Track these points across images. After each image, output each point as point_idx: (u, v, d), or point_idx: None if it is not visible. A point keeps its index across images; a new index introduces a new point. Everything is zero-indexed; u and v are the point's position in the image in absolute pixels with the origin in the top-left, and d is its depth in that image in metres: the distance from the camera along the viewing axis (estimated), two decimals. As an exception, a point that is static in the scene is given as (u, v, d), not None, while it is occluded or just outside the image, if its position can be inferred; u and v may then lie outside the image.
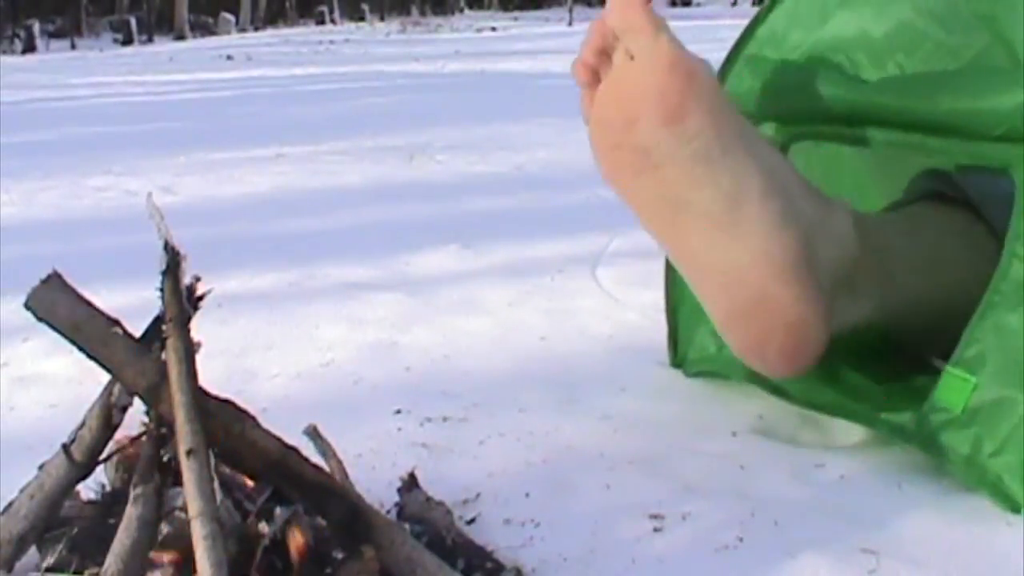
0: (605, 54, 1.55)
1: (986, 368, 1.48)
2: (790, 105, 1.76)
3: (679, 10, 23.64)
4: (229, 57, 13.05)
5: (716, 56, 2.08)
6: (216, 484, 1.14)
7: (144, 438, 1.20)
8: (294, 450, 1.21)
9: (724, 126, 1.53)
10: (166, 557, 1.19)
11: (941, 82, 1.60)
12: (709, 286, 1.62)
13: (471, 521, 1.46)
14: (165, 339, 1.16)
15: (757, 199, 1.53)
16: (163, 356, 1.16)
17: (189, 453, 1.10)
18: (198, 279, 1.19)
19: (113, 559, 1.14)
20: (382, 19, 24.46)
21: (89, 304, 1.16)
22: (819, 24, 1.79)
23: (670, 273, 1.96)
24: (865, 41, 1.71)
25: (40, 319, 1.14)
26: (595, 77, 1.56)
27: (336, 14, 24.40)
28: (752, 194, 1.53)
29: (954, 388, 1.50)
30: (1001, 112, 1.50)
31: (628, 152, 1.55)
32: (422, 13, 26.68)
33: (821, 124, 1.74)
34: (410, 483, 1.46)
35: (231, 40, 18.14)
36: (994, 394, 1.48)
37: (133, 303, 1.37)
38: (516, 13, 25.55)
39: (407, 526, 1.34)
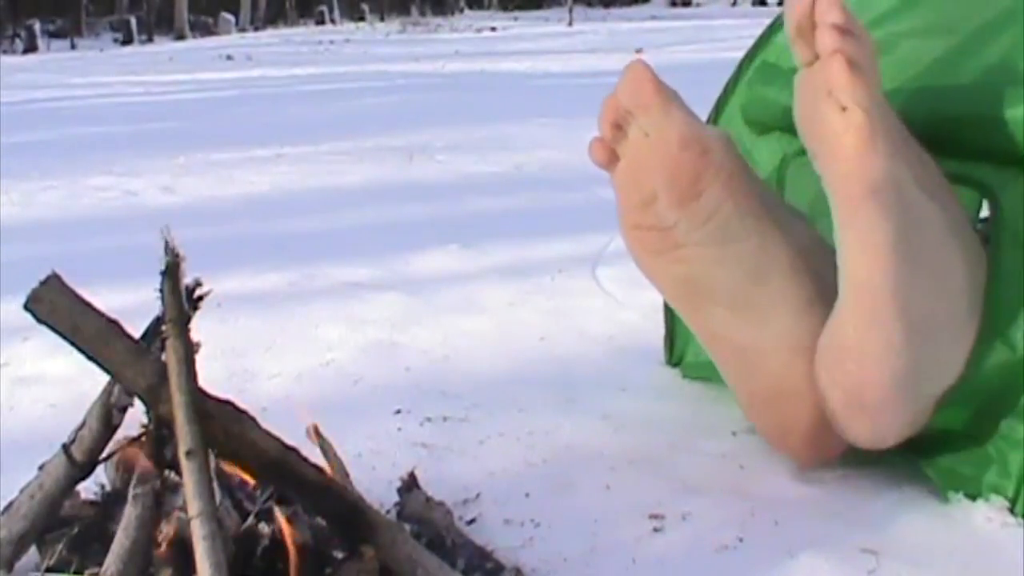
0: (621, 130, 1.52)
1: (978, 398, 1.48)
2: (790, 118, 1.75)
3: (679, 10, 23.63)
4: (229, 57, 13.04)
5: (716, 56, 2.08)
6: (216, 484, 1.14)
7: (144, 438, 1.20)
8: (294, 450, 1.21)
9: (743, 202, 1.48)
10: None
11: (937, 97, 1.60)
12: (732, 367, 1.59)
13: (471, 521, 1.46)
14: (165, 340, 1.16)
15: (783, 277, 1.49)
16: (163, 357, 1.16)
17: (189, 454, 1.10)
18: (199, 283, 1.19)
19: (113, 559, 1.14)
20: (382, 19, 24.44)
21: (89, 305, 1.16)
22: None
23: None
24: (888, 57, 1.71)
25: (40, 320, 1.14)
26: (613, 156, 1.53)
27: (336, 14, 24.38)
28: (776, 272, 1.49)
29: (947, 415, 1.50)
30: (997, 130, 1.49)
31: (648, 231, 1.53)
32: (422, 13, 26.66)
33: None
34: (410, 483, 1.46)
35: (231, 40, 18.14)
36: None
37: (133, 303, 1.37)
38: (516, 13, 25.53)
39: (407, 526, 1.34)
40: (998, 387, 1.47)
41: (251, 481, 1.26)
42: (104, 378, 1.21)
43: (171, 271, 1.17)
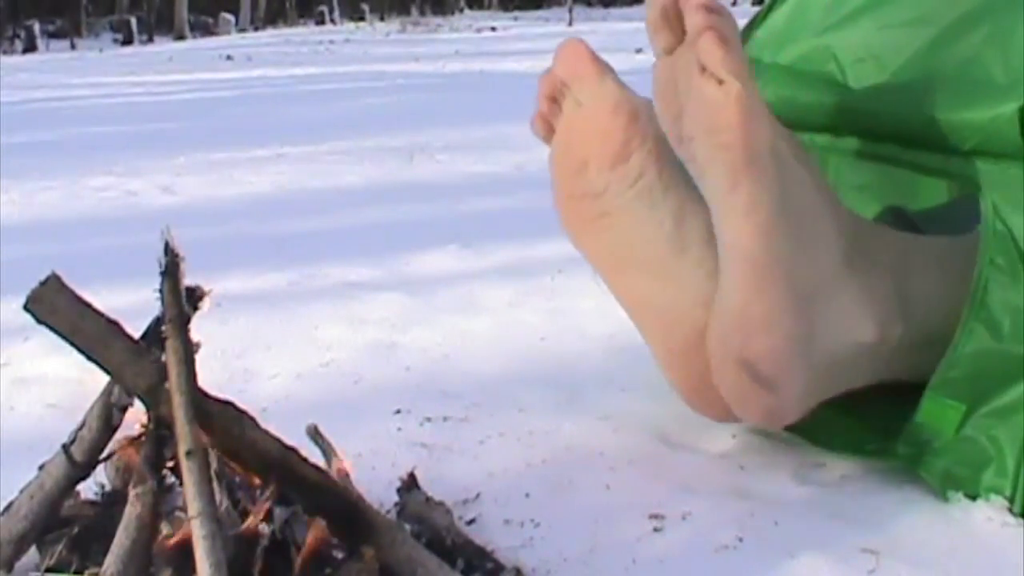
0: (556, 103, 1.58)
1: (968, 391, 1.49)
2: (775, 111, 1.76)
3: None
4: (229, 57, 13.04)
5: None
6: (216, 484, 1.14)
7: (144, 438, 1.20)
8: (294, 450, 1.21)
9: (665, 169, 1.54)
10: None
11: (919, 90, 1.60)
12: (650, 326, 1.64)
13: (471, 521, 1.46)
14: (164, 340, 1.16)
15: (699, 245, 1.53)
16: (162, 357, 1.16)
17: (189, 454, 1.10)
18: (201, 293, 1.19)
19: (113, 559, 1.14)
20: (382, 19, 24.46)
21: (88, 305, 1.16)
22: (817, 32, 1.79)
23: None
24: (861, 51, 1.71)
25: (40, 321, 1.14)
26: (551, 128, 1.59)
27: (336, 14, 24.39)
28: (693, 236, 1.53)
29: (939, 413, 1.51)
30: (972, 126, 1.50)
31: (580, 199, 1.58)
32: (422, 13, 26.67)
33: (804, 132, 1.74)
34: (410, 483, 1.46)
35: (231, 40, 18.14)
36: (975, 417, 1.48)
37: (133, 304, 1.37)
38: (516, 13, 25.54)
39: (407, 526, 1.34)
40: (987, 381, 1.48)
41: (252, 481, 1.26)
42: (104, 378, 1.21)
43: (171, 271, 1.17)
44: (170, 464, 1.18)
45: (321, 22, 23.31)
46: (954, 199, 1.89)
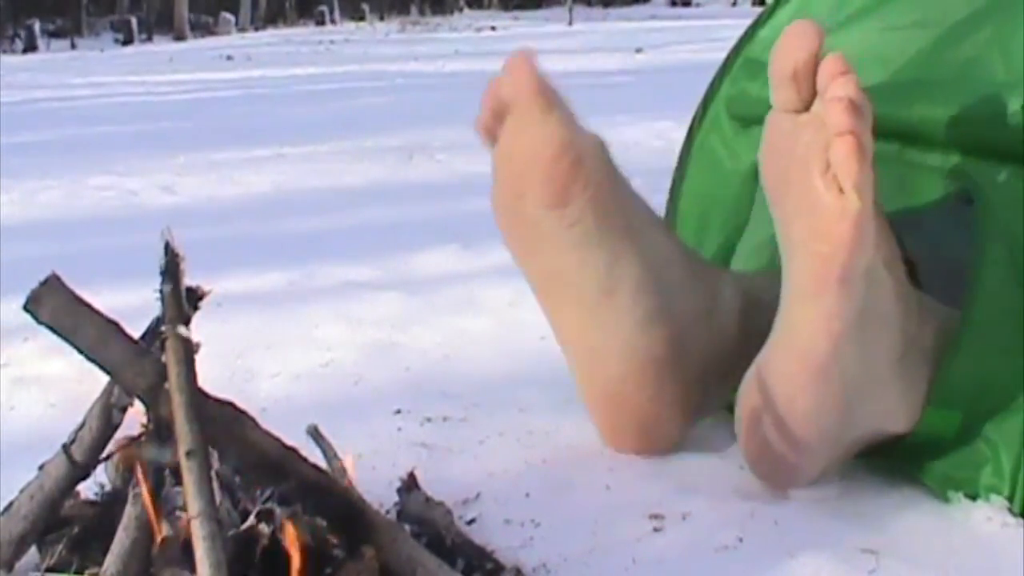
0: (500, 118, 1.52)
1: (967, 395, 1.49)
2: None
3: (679, 10, 23.62)
4: (229, 57, 13.04)
5: (716, 56, 2.09)
6: (216, 484, 1.14)
7: (144, 438, 1.20)
8: (294, 450, 1.21)
9: (604, 216, 1.50)
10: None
11: (921, 90, 1.60)
12: (577, 364, 1.64)
13: (471, 521, 1.46)
14: (164, 340, 1.16)
15: (629, 293, 1.52)
16: (162, 357, 1.16)
17: (189, 454, 1.10)
18: (201, 293, 1.19)
19: (113, 559, 1.14)
20: (382, 19, 24.44)
21: (88, 306, 1.16)
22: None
23: None
24: (864, 52, 1.71)
25: (39, 321, 1.14)
26: (495, 139, 1.54)
27: (336, 14, 24.37)
28: (625, 287, 1.52)
29: (938, 417, 1.50)
30: (972, 125, 1.50)
31: (519, 221, 1.55)
32: (422, 13, 26.65)
33: None
34: (410, 483, 1.46)
35: (231, 40, 18.14)
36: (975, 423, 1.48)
37: (133, 303, 1.37)
38: (516, 13, 25.52)
39: (407, 526, 1.34)
40: (983, 384, 1.48)
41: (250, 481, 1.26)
42: (104, 378, 1.21)
43: (171, 271, 1.17)
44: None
45: (321, 22, 23.29)
46: (930, 203, 1.89)
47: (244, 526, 1.20)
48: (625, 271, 1.52)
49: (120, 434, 1.24)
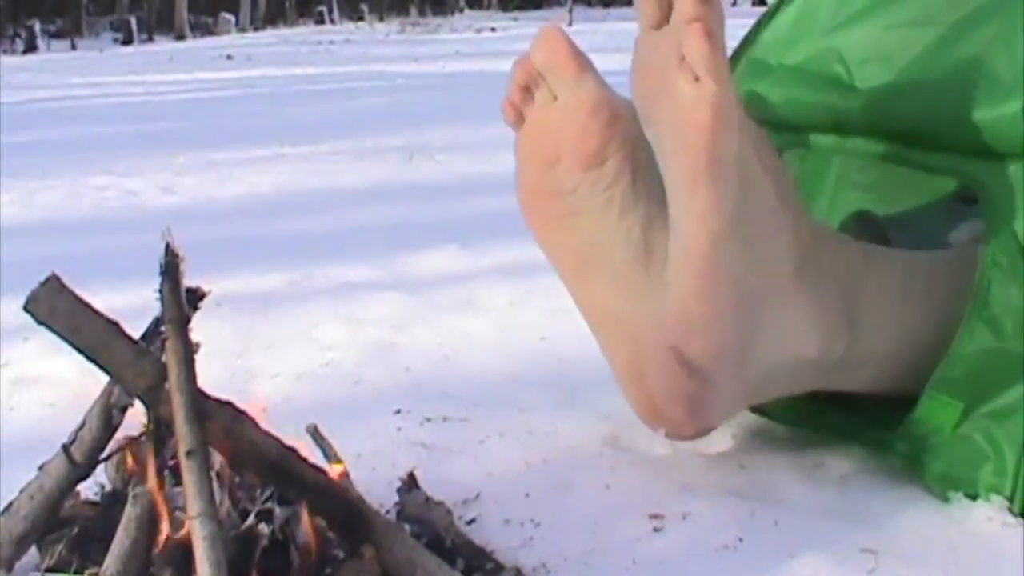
0: (529, 92, 1.52)
1: (968, 390, 1.49)
2: (782, 111, 1.76)
3: (679, 10, 23.54)
4: (229, 57, 13.04)
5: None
6: (216, 484, 1.14)
7: (144, 438, 1.20)
8: (294, 450, 1.21)
9: (641, 177, 1.49)
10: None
11: (925, 90, 1.60)
12: (608, 336, 1.59)
13: (471, 521, 1.46)
14: (164, 340, 1.16)
15: (662, 262, 1.49)
16: (162, 357, 1.16)
17: (189, 454, 1.10)
18: (201, 293, 1.19)
19: (112, 559, 1.14)
20: (381, 19, 24.44)
21: (88, 306, 1.16)
22: (823, 33, 1.79)
23: None
24: (867, 52, 1.71)
25: (39, 322, 1.14)
26: (521, 118, 1.53)
27: (335, 14, 24.38)
28: (661, 251, 1.48)
29: (938, 410, 1.50)
30: (976, 124, 1.50)
31: (547, 196, 1.53)
32: (421, 13, 26.66)
33: (810, 132, 1.73)
34: (410, 483, 1.46)
35: (231, 40, 18.13)
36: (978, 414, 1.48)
37: (133, 304, 1.37)
38: (516, 13, 25.53)
39: (407, 526, 1.34)
40: (987, 380, 1.48)
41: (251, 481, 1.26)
42: (104, 378, 1.21)
43: (171, 271, 1.17)
44: (171, 463, 1.19)
45: (320, 22, 23.30)
46: (928, 203, 1.89)
47: (244, 526, 1.20)
48: (661, 235, 1.48)
49: (120, 434, 1.24)
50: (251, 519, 1.21)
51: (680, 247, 1.41)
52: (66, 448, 1.24)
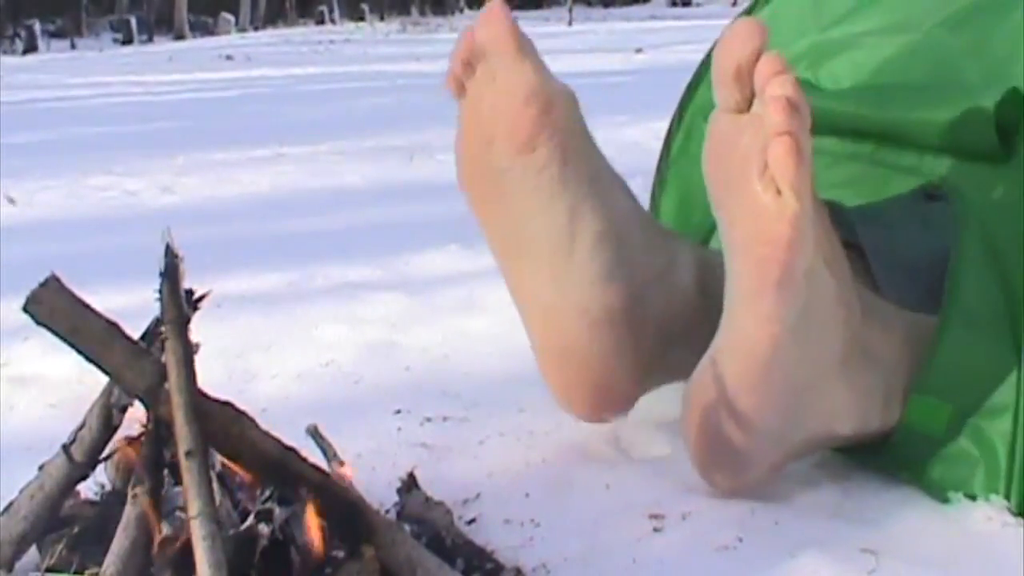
0: (471, 67, 1.52)
1: (954, 390, 1.49)
2: None
3: (679, 10, 23.61)
4: (229, 57, 13.03)
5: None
6: (216, 484, 1.14)
7: (144, 438, 1.20)
8: (293, 450, 1.21)
9: (571, 163, 1.50)
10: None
11: (896, 91, 1.61)
12: (531, 322, 1.63)
13: (471, 521, 1.46)
14: (164, 341, 1.16)
15: (588, 247, 1.51)
16: (162, 358, 1.16)
17: (188, 454, 1.10)
18: (200, 296, 1.19)
19: (112, 559, 1.14)
20: (382, 19, 24.44)
21: (88, 307, 1.16)
22: (795, 38, 1.80)
23: None
24: (840, 56, 1.72)
25: (39, 322, 1.14)
26: (463, 88, 1.54)
27: (336, 14, 24.39)
28: (585, 239, 1.51)
29: (927, 413, 1.50)
30: (946, 124, 1.50)
31: (483, 171, 1.55)
32: (422, 13, 26.66)
33: None
34: (410, 483, 1.46)
35: (231, 40, 18.13)
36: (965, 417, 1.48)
37: (133, 304, 1.37)
38: (516, 13, 25.42)
39: (407, 526, 1.34)
40: (970, 378, 1.48)
41: (251, 481, 1.26)
42: (104, 378, 1.21)
43: (170, 272, 1.17)
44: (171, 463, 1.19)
45: (321, 22, 23.30)
46: (895, 198, 1.89)
47: (244, 526, 1.20)
48: (586, 224, 1.51)
49: (120, 434, 1.24)
50: (251, 519, 1.21)
51: (738, 344, 1.42)
52: (66, 448, 1.24)
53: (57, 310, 1.14)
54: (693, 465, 1.52)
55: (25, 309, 1.14)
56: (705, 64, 1.91)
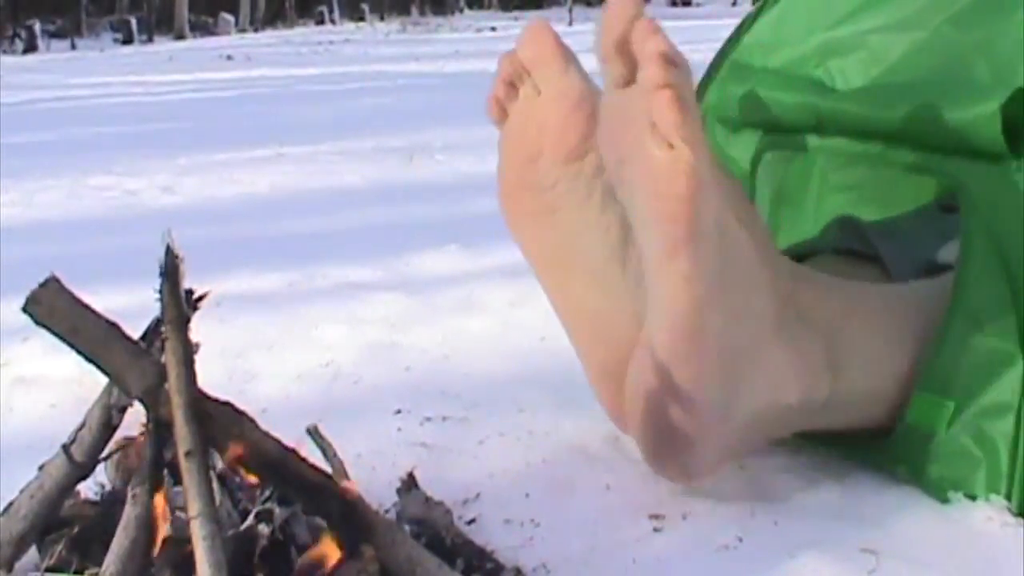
0: (514, 88, 1.51)
1: (957, 388, 1.49)
2: (764, 114, 1.76)
3: (679, 10, 23.61)
4: (229, 57, 13.04)
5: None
6: (216, 484, 1.14)
7: (144, 438, 1.20)
8: (293, 451, 1.21)
9: None
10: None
11: (904, 91, 1.61)
12: (582, 335, 1.59)
13: (471, 521, 1.46)
14: (164, 341, 1.16)
15: (638, 256, 1.47)
16: (162, 358, 1.16)
17: (189, 454, 1.10)
18: (199, 298, 1.19)
19: (112, 559, 1.14)
20: (382, 19, 24.45)
21: (87, 307, 1.16)
22: (805, 37, 1.80)
23: None
24: (849, 55, 1.72)
25: (38, 323, 1.14)
26: (505, 114, 1.53)
27: (336, 14, 24.39)
28: (634, 249, 1.47)
29: (930, 411, 1.50)
30: (954, 124, 1.50)
31: (528, 192, 1.52)
32: (422, 13, 26.67)
33: (793, 133, 1.74)
34: (410, 483, 1.46)
35: (231, 40, 18.14)
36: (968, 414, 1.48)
37: (133, 304, 1.37)
38: (516, 13, 25.53)
39: (407, 526, 1.34)
40: (973, 377, 1.48)
41: (251, 481, 1.26)
42: (104, 378, 1.21)
43: (170, 272, 1.17)
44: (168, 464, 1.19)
45: (321, 22, 23.32)
46: (912, 211, 1.89)
47: (244, 526, 1.20)
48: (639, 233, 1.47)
49: (120, 434, 1.24)
50: (251, 519, 1.21)
51: (660, 311, 1.38)
52: (66, 448, 1.24)
53: (57, 310, 1.14)
54: (644, 459, 1.50)
55: (25, 309, 1.14)
56: (714, 66, 1.91)
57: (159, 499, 1.17)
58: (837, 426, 1.57)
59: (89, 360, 1.16)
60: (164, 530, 1.17)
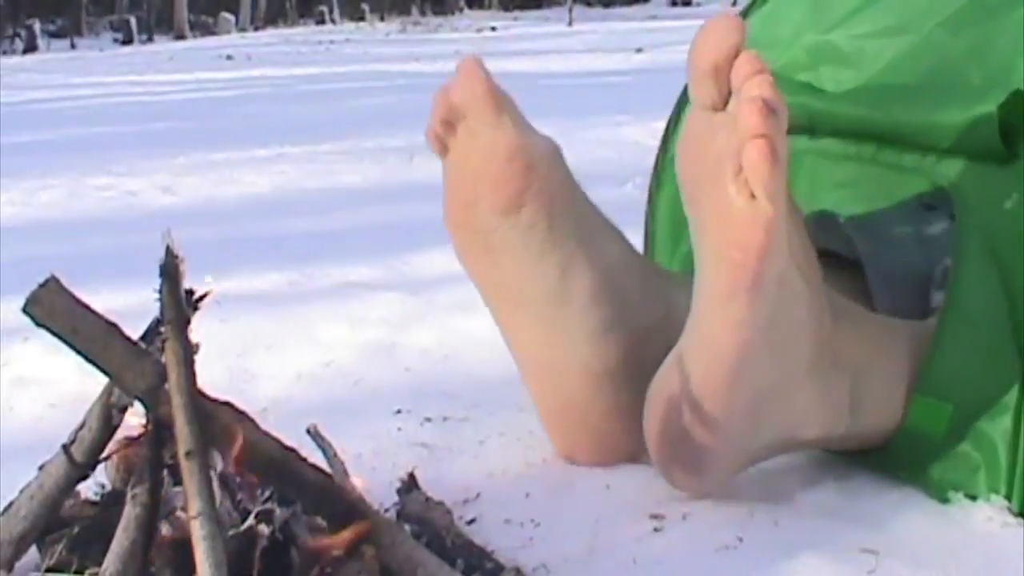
0: (451, 126, 1.50)
1: (954, 390, 1.49)
2: None
3: (679, 10, 23.61)
4: (229, 57, 13.04)
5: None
6: (216, 484, 1.14)
7: (144, 439, 1.20)
8: (293, 451, 1.21)
9: (559, 221, 1.48)
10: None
11: (898, 93, 1.61)
12: (532, 380, 1.62)
13: (471, 521, 1.46)
14: (164, 341, 1.16)
15: (582, 303, 1.50)
16: (162, 358, 1.16)
17: (188, 454, 1.10)
18: (199, 298, 1.19)
19: (112, 559, 1.14)
20: (382, 19, 24.44)
21: (87, 307, 1.16)
22: (794, 40, 1.80)
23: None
24: (840, 58, 1.72)
25: (38, 323, 1.14)
26: (446, 149, 1.53)
27: (336, 14, 24.40)
28: (578, 295, 1.49)
29: (928, 414, 1.50)
30: (949, 126, 1.50)
31: (471, 232, 1.53)
32: (422, 13, 26.66)
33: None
34: (410, 483, 1.46)
35: (231, 40, 18.14)
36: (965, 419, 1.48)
37: (133, 304, 1.37)
38: (516, 13, 25.52)
39: (407, 526, 1.34)
40: (970, 378, 1.48)
41: (251, 481, 1.26)
42: (104, 378, 1.21)
43: (170, 272, 1.17)
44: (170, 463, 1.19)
45: (321, 22, 23.31)
46: (891, 206, 1.89)
47: (244, 526, 1.20)
48: (578, 280, 1.50)
49: (120, 434, 1.24)
50: (251, 519, 1.21)
51: (705, 347, 1.39)
52: (66, 448, 1.24)
53: (57, 310, 1.14)
54: (653, 460, 1.50)
55: (25, 310, 1.14)
56: None
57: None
58: (846, 448, 1.59)
59: (89, 360, 1.16)
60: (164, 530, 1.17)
